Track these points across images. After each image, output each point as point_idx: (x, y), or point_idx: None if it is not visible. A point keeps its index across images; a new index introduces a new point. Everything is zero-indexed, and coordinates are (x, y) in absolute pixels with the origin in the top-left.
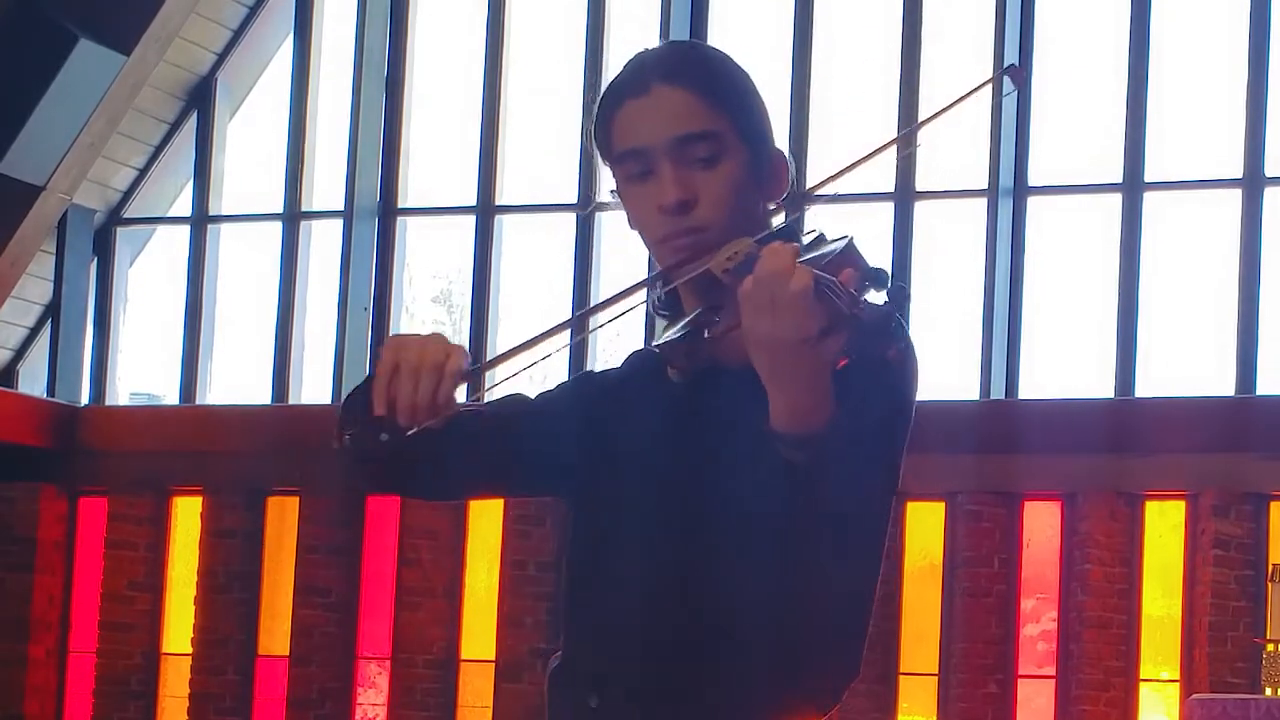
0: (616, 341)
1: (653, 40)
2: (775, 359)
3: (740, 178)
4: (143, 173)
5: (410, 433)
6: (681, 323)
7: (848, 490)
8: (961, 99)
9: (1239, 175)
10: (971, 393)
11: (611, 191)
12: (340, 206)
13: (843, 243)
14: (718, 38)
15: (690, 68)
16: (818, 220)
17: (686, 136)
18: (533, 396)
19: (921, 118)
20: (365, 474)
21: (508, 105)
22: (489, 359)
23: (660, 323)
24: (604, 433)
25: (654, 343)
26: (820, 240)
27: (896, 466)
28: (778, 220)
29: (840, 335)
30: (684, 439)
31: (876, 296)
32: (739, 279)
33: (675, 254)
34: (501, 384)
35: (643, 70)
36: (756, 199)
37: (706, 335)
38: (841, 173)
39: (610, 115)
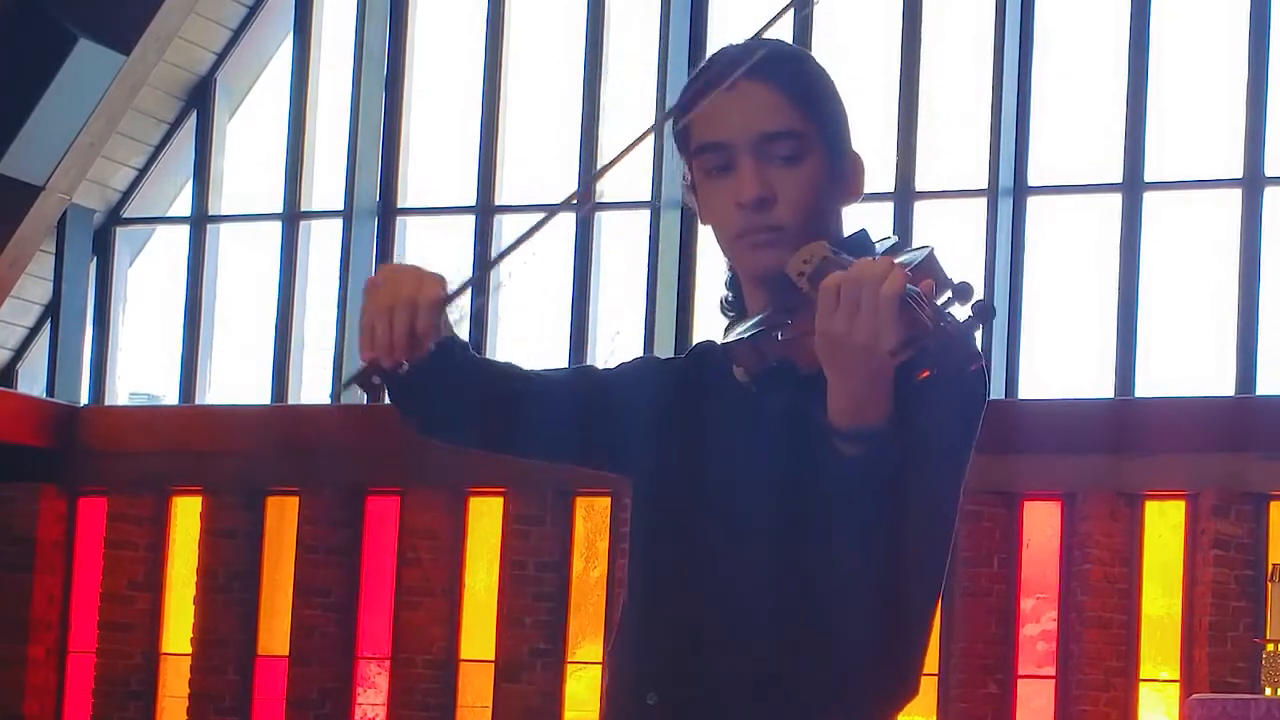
0: (616, 340)
1: (653, 39)
2: (844, 358)
3: (819, 179)
4: (142, 173)
5: (401, 369)
6: (750, 322)
7: (915, 489)
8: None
9: (1239, 175)
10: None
11: (684, 185)
12: (340, 206)
13: (924, 253)
14: (717, 39)
15: (778, 65)
16: None
17: (770, 134)
18: (588, 370)
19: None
20: (413, 407)
21: (508, 105)
22: (466, 280)
23: (726, 322)
24: (673, 422)
25: (722, 340)
26: (897, 247)
27: (963, 477)
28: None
29: (914, 349)
30: (754, 439)
31: (960, 310)
32: (815, 283)
33: (751, 250)
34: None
35: (729, 65)
36: (833, 201)
37: (779, 337)
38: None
39: (691, 107)
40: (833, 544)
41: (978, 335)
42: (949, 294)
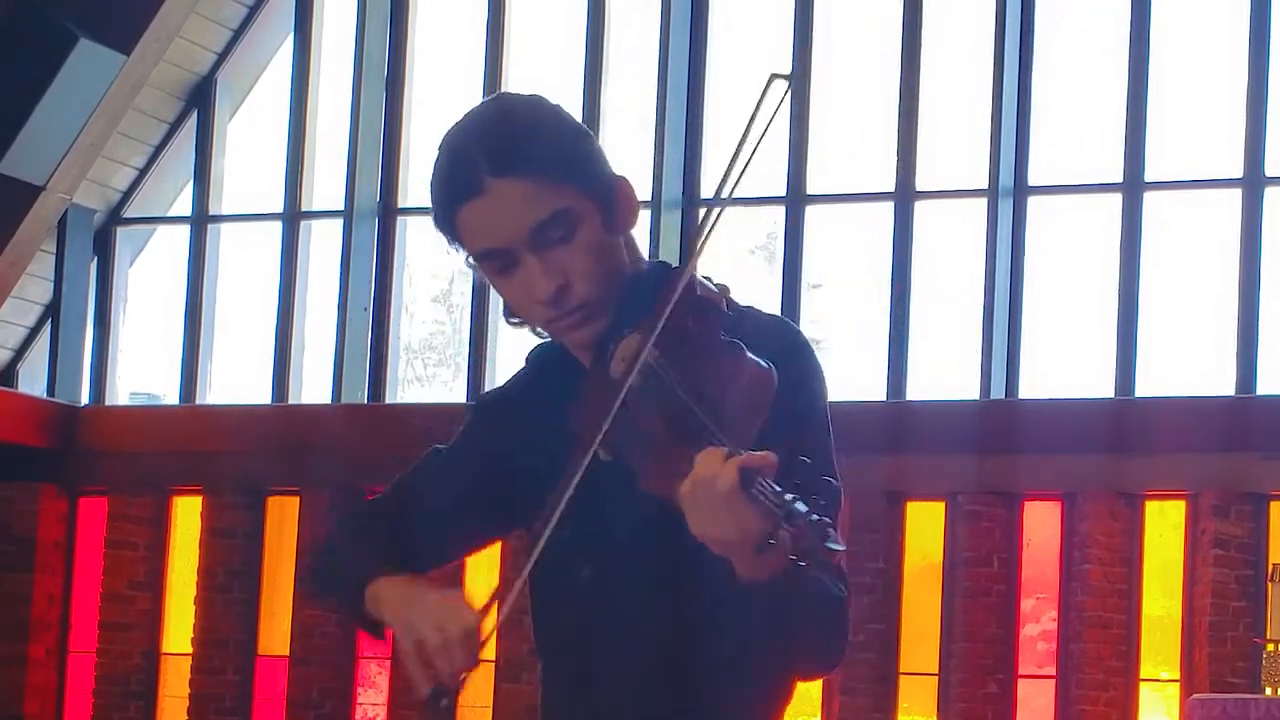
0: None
1: (653, 39)
2: (731, 553)
3: (599, 239)
4: (143, 173)
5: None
6: (588, 414)
7: (804, 590)
8: (750, 123)
9: (1239, 175)
10: (971, 393)
11: (467, 261)
12: (340, 206)
13: (714, 285)
14: (718, 38)
15: (516, 151)
16: (818, 221)
17: (540, 225)
18: (440, 460)
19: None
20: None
21: None
22: (499, 593)
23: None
24: (541, 460)
25: (569, 419)
26: (722, 292)
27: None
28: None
29: (776, 533)
30: (620, 508)
31: (805, 477)
32: (650, 382)
33: (566, 332)
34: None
35: (470, 168)
36: (616, 244)
37: (621, 434)
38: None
39: (451, 216)
40: (725, 610)
41: (830, 528)
42: (792, 487)
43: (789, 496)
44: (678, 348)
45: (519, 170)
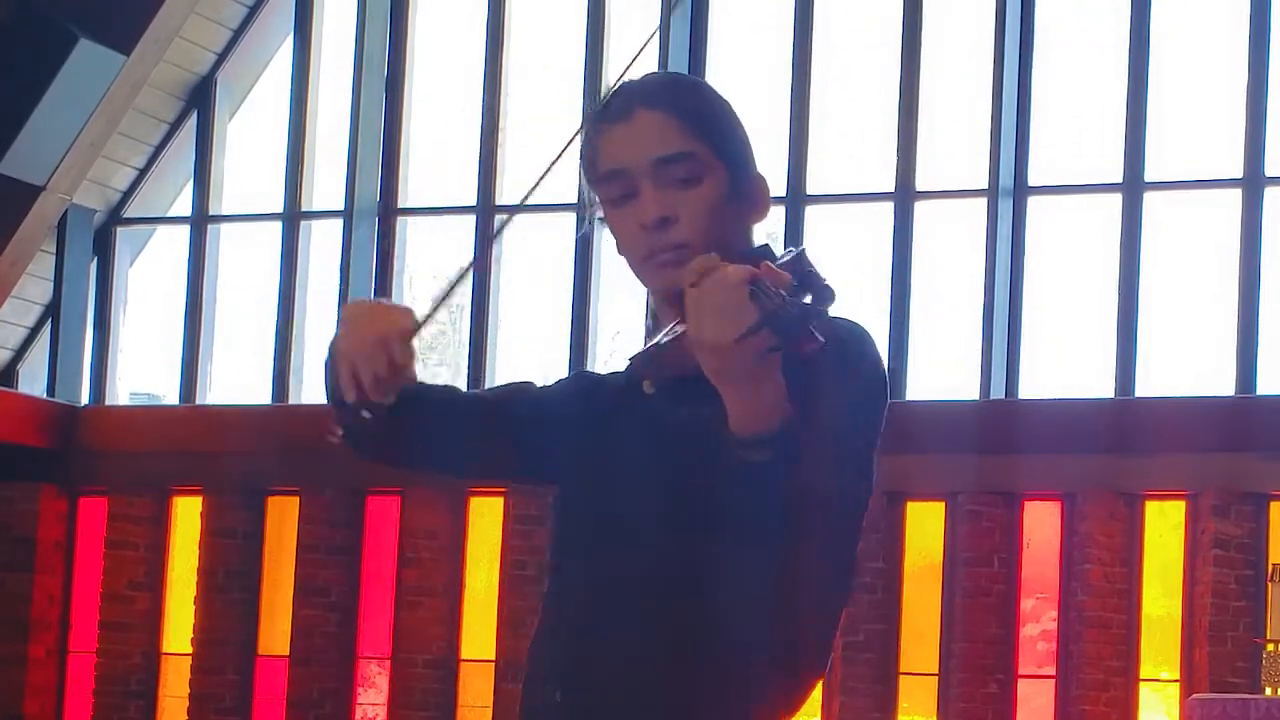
0: (617, 339)
1: (652, 40)
2: (718, 361)
3: (717, 198)
4: (143, 173)
5: (390, 403)
6: (654, 338)
7: (819, 488)
8: None
9: (1239, 175)
10: (971, 393)
11: (599, 218)
12: (340, 206)
13: (791, 254)
14: (718, 38)
15: (670, 93)
16: (818, 221)
17: (665, 158)
18: (529, 385)
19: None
20: (371, 451)
21: (508, 105)
22: (436, 302)
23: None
24: (598, 435)
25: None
26: (800, 258)
27: (870, 473)
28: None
29: (768, 332)
30: (653, 448)
31: (810, 297)
32: None
33: (657, 270)
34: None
35: (627, 97)
36: (736, 220)
37: (664, 344)
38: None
39: (595, 140)
40: (735, 550)
41: (817, 313)
42: (798, 284)
43: (792, 296)
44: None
45: (666, 105)
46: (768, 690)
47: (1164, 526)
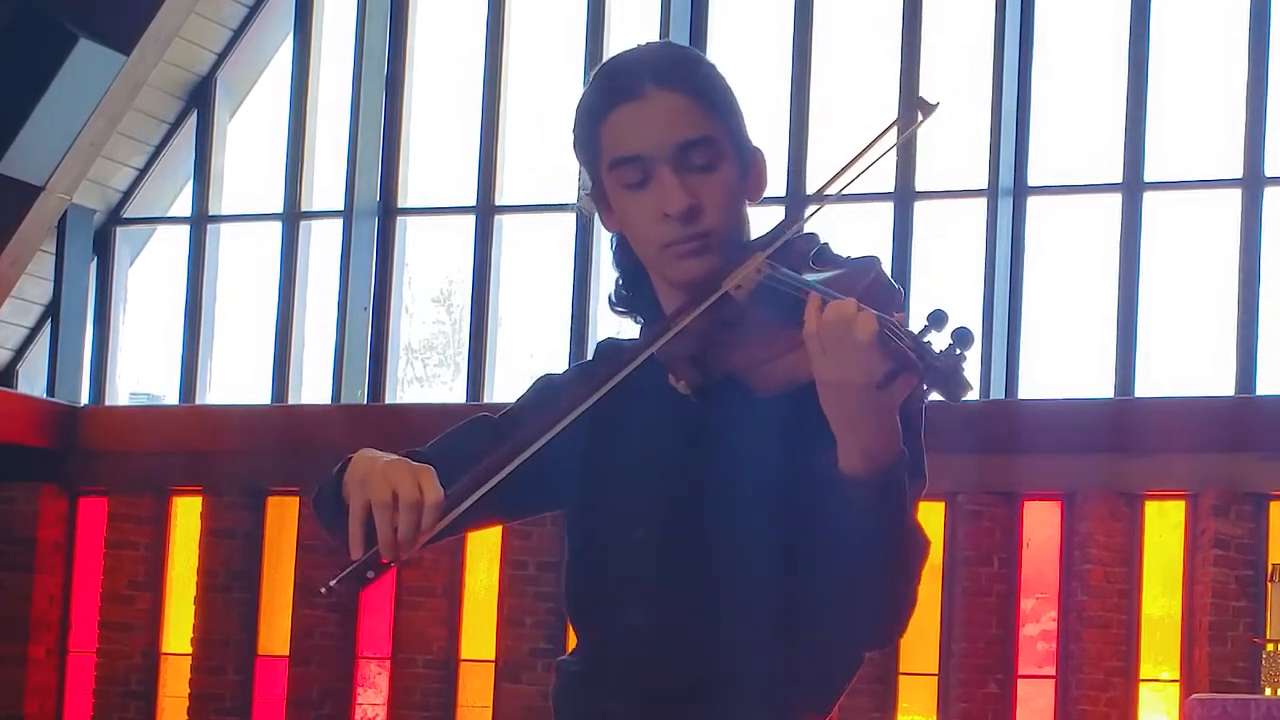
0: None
1: (653, 39)
2: (847, 403)
3: (735, 182)
4: (143, 173)
5: (398, 562)
6: (677, 329)
7: (904, 509)
8: (871, 144)
9: (1239, 175)
10: (972, 393)
11: (584, 194)
12: (340, 206)
13: (870, 276)
14: (718, 38)
15: (683, 71)
16: (818, 221)
17: (687, 142)
18: (496, 418)
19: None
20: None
21: (508, 105)
22: (466, 483)
23: (631, 321)
24: (605, 441)
25: (658, 348)
26: (826, 250)
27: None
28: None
29: (908, 377)
30: (701, 454)
31: (939, 336)
32: (756, 299)
33: (679, 259)
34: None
35: (634, 74)
36: (745, 200)
37: (727, 354)
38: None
39: (599, 120)
40: (834, 564)
41: (964, 359)
42: (926, 324)
43: (924, 339)
44: (795, 264)
45: (680, 86)
46: (858, 662)
47: (1164, 526)
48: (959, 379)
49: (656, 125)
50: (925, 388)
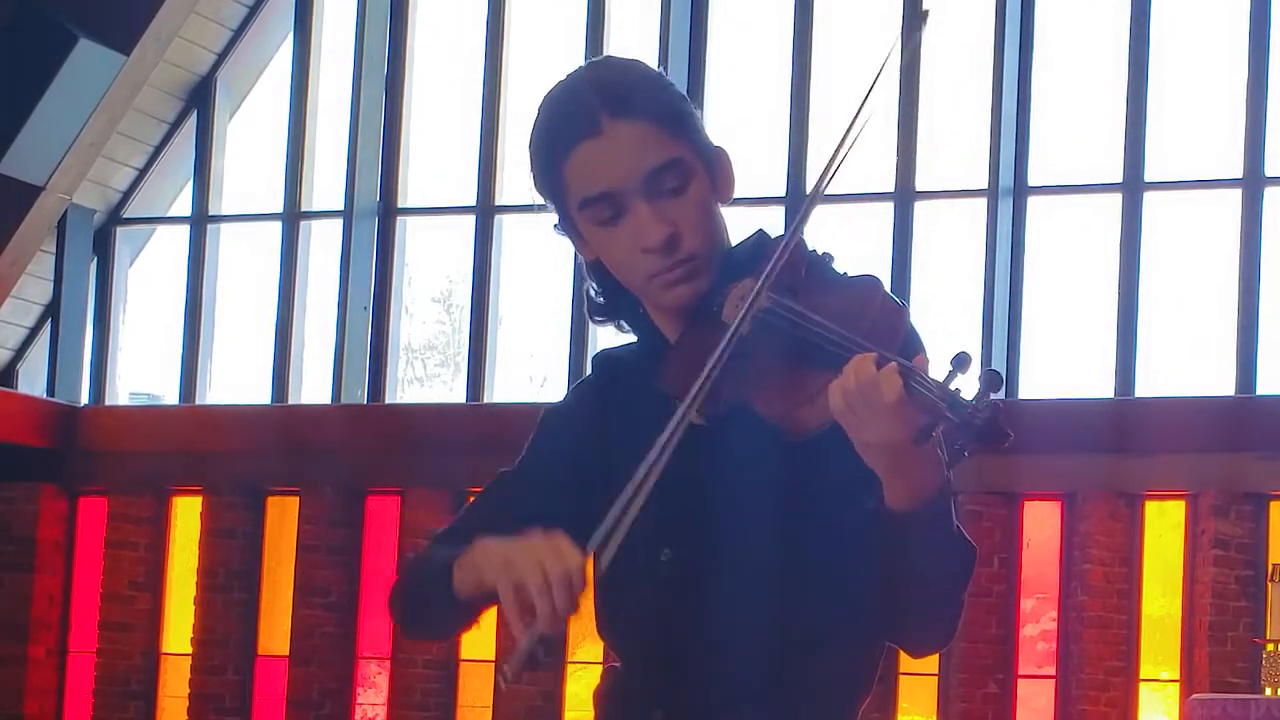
0: (617, 339)
1: (653, 39)
2: (885, 458)
3: (707, 196)
4: (143, 173)
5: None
6: (708, 385)
7: (951, 525)
8: (881, 69)
9: (1239, 175)
10: (971, 393)
11: (555, 227)
12: (340, 206)
13: (876, 302)
14: (718, 38)
15: (637, 97)
16: (820, 222)
17: (655, 170)
18: (517, 468)
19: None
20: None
21: (508, 105)
22: (609, 526)
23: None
24: (620, 472)
25: (661, 380)
26: (822, 265)
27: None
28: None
29: (935, 431)
30: (716, 478)
31: (963, 379)
32: (771, 328)
33: (666, 289)
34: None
35: (587, 107)
36: (718, 207)
37: (729, 380)
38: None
39: (560, 164)
40: (898, 592)
41: (1000, 408)
42: (950, 369)
43: (952, 386)
44: (795, 286)
45: (636, 114)
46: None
47: (1164, 526)
48: (998, 430)
49: (621, 159)
50: (959, 445)
